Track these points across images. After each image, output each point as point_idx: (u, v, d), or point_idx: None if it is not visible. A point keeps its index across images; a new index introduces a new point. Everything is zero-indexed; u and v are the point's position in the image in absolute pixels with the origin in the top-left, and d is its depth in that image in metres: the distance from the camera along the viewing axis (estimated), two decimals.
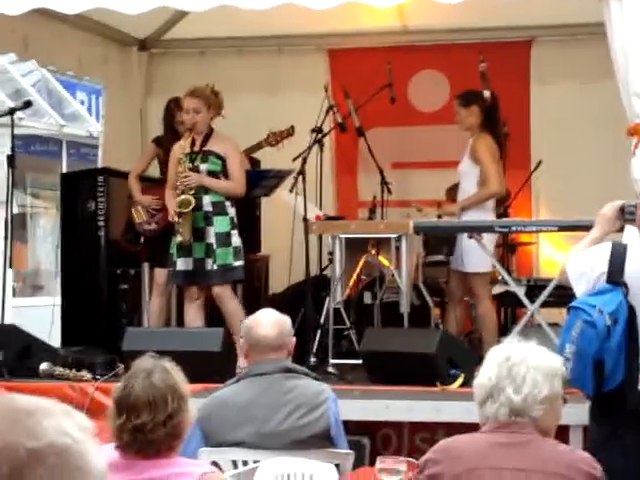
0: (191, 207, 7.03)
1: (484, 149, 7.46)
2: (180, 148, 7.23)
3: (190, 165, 7.16)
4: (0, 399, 1.62)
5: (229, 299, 7.10)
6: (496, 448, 3.17)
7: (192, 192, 7.09)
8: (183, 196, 7.08)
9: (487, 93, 7.60)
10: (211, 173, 7.17)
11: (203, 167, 7.18)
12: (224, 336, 6.64)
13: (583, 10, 6.53)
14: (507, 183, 8.06)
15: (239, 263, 7.13)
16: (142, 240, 7.89)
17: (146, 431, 3.19)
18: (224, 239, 7.10)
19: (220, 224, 7.12)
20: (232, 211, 7.18)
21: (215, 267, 7.07)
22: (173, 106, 7.82)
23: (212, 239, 7.09)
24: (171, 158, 7.30)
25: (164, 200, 7.50)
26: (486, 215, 7.46)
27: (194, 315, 7.22)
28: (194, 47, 9.69)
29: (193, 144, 7.22)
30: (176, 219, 7.06)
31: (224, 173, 7.20)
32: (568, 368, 4.51)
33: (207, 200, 7.14)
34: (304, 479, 4.02)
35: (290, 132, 7.41)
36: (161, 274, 7.66)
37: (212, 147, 7.19)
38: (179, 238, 7.09)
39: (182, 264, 7.13)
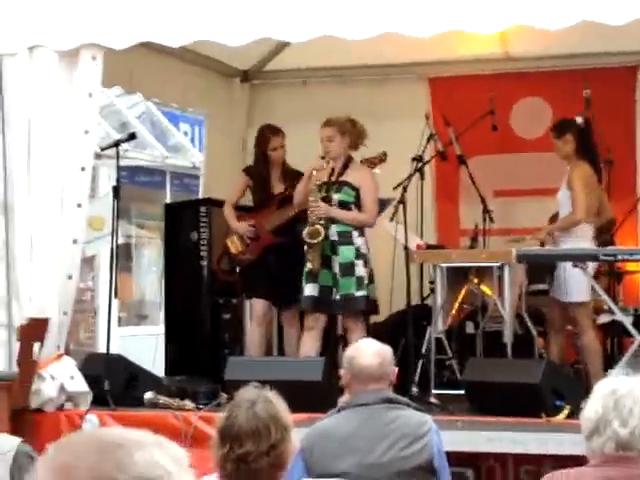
0: (320, 238, 7.11)
1: (578, 178, 7.37)
2: (317, 170, 7.28)
3: (325, 194, 7.21)
4: (93, 432, 1.63)
5: (354, 331, 7.06)
6: None
7: (321, 221, 7.15)
8: (313, 227, 7.14)
9: (579, 119, 7.53)
10: (343, 203, 7.23)
11: (335, 197, 7.25)
12: (325, 366, 6.63)
13: None
14: (613, 210, 7.92)
15: (361, 293, 7.13)
16: (238, 270, 7.93)
17: (249, 461, 3.19)
18: (348, 269, 7.12)
19: (345, 254, 7.15)
20: (359, 241, 7.21)
21: (338, 297, 7.10)
22: (266, 133, 7.90)
23: (337, 269, 7.13)
24: (305, 171, 7.40)
25: (259, 227, 7.60)
26: (585, 243, 7.34)
27: (309, 344, 7.22)
28: (295, 77, 9.75)
29: (332, 173, 7.28)
30: (305, 248, 7.13)
31: (356, 204, 7.24)
32: None
33: (334, 230, 7.20)
34: None
35: (383, 158, 7.41)
36: (258, 304, 7.69)
37: (347, 177, 7.23)
38: (309, 266, 7.15)
39: (309, 290, 7.18)
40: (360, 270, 7.14)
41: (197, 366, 8.00)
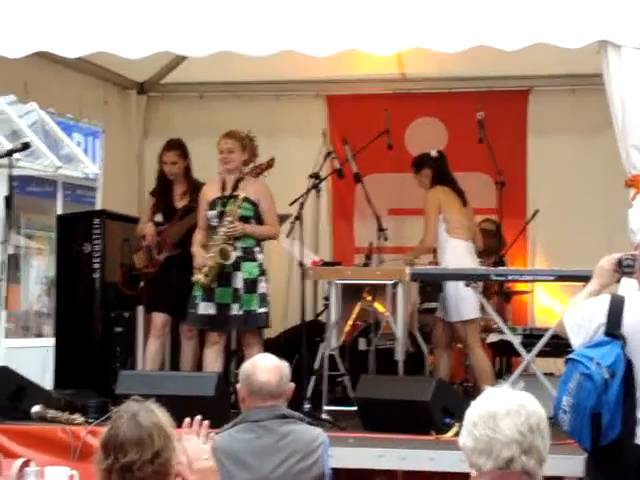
0: (230, 261, 7.05)
1: (429, 201, 7.72)
2: (210, 191, 7.26)
3: (221, 209, 7.18)
4: None
5: (253, 346, 7.05)
6: None
7: (230, 240, 7.11)
8: (224, 246, 7.08)
9: (434, 152, 7.89)
10: (243, 218, 7.19)
11: (237, 212, 7.18)
12: (218, 381, 6.61)
13: (582, 61, 6.57)
14: (504, 232, 8.09)
15: (263, 310, 7.13)
16: (142, 284, 7.87)
17: (134, 469, 3.19)
18: (251, 285, 7.11)
19: (249, 270, 7.13)
20: (260, 257, 7.21)
21: (241, 312, 7.08)
22: (163, 148, 7.87)
23: (240, 284, 7.10)
24: (201, 200, 7.33)
25: (162, 241, 7.61)
26: (466, 260, 7.51)
27: (212, 359, 7.19)
28: (192, 91, 9.73)
29: (224, 188, 7.25)
30: (209, 263, 7.06)
31: (255, 218, 7.23)
32: (565, 420, 4.50)
33: (237, 245, 7.15)
34: None
35: (271, 163, 7.42)
36: (158, 317, 7.65)
37: (244, 191, 7.20)
38: (200, 278, 7.09)
39: (204, 308, 7.14)
40: (263, 286, 7.15)
41: (87, 379, 7.88)
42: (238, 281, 7.11)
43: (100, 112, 9.28)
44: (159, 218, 7.92)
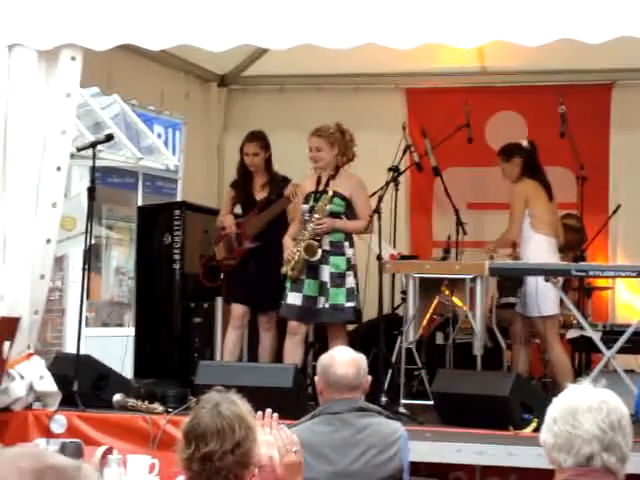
0: (315, 258, 7.10)
1: (517, 194, 7.60)
2: (307, 184, 7.34)
3: (313, 204, 7.22)
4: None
5: (337, 340, 7.04)
6: None
7: (317, 237, 7.16)
8: (310, 242, 7.14)
9: (525, 142, 7.75)
10: (333, 214, 7.22)
11: (327, 208, 7.21)
12: (296, 373, 6.64)
13: None
14: (585, 227, 8.00)
15: (350, 304, 7.14)
16: (222, 276, 7.92)
17: (215, 459, 3.23)
18: (339, 279, 7.14)
19: (336, 264, 7.16)
20: (350, 252, 7.23)
21: (327, 306, 7.11)
22: (244, 140, 7.91)
23: (327, 278, 7.14)
24: (298, 193, 7.40)
25: (242, 234, 7.68)
26: (548, 257, 7.45)
27: (292, 350, 7.24)
28: (272, 84, 9.76)
29: (318, 182, 7.28)
30: (295, 257, 7.12)
31: (346, 214, 7.25)
32: None
33: (326, 239, 7.19)
34: None
35: (350, 157, 7.47)
36: (237, 308, 7.70)
37: (337, 187, 7.23)
38: (287, 270, 7.15)
39: (292, 299, 7.20)
40: (350, 281, 7.16)
41: (167, 369, 7.98)
42: (325, 274, 7.14)
43: (181, 105, 9.37)
44: (239, 210, 7.98)
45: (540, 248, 7.47)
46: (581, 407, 3.14)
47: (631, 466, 3.21)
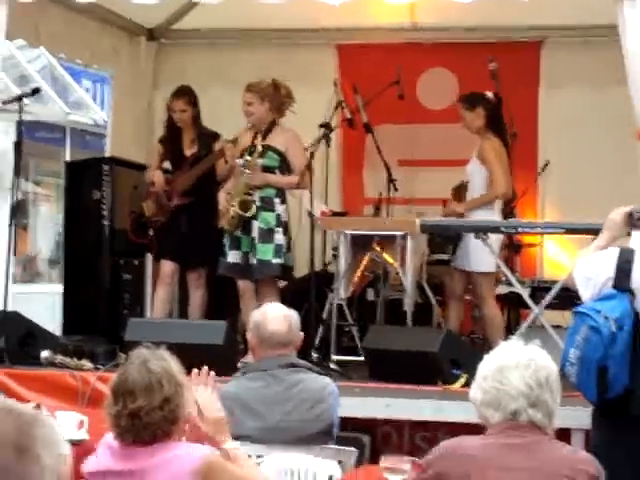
0: (249, 213, 7.07)
1: (491, 151, 7.47)
2: (243, 139, 7.30)
3: (248, 158, 7.17)
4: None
5: (266, 296, 6.99)
6: (504, 449, 3.17)
7: (250, 190, 7.15)
8: (245, 197, 7.11)
9: (490, 94, 7.61)
10: (266, 168, 7.19)
11: (259, 162, 7.18)
12: (227, 329, 6.62)
13: (597, 12, 6.52)
14: (514, 183, 8.04)
15: (278, 261, 7.14)
16: (151, 232, 7.87)
17: (142, 415, 3.22)
18: (267, 235, 7.12)
19: (265, 219, 7.14)
20: (280, 208, 7.20)
21: (254, 261, 7.10)
22: (171, 96, 7.85)
23: (255, 233, 7.11)
24: (234, 148, 7.36)
25: (171, 190, 7.62)
26: (492, 215, 7.46)
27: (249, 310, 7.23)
28: (204, 38, 9.65)
29: (255, 137, 7.25)
30: (231, 212, 7.10)
31: (280, 168, 7.22)
32: (572, 373, 4.51)
33: (257, 195, 7.16)
34: (307, 475, 4.02)
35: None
36: (166, 265, 7.66)
37: (272, 141, 7.20)
38: (224, 224, 7.14)
39: (233, 257, 7.19)
40: (279, 238, 7.15)
41: (96, 326, 7.91)
42: (254, 230, 7.12)
43: (110, 58, 9.22)
44: (168, 166, 7.91)
45: (493, 208, 7.50)
46: (509, 364, 3.18)
47: (560, 420, 3.26)
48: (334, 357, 7.01)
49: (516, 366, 3.19)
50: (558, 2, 6.29)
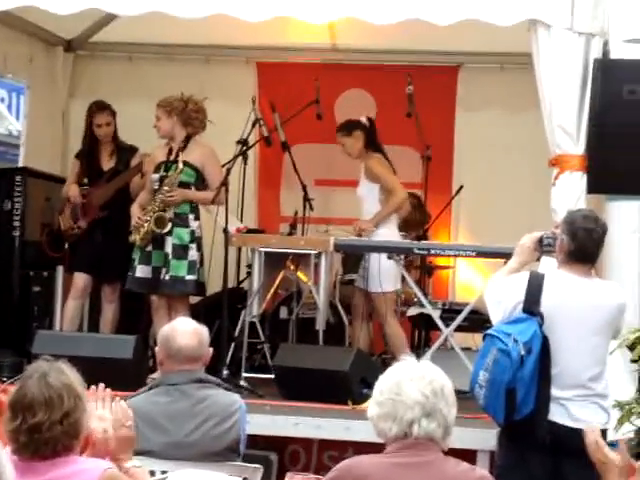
0: (165, 230, 7.04)
1: (378, 165, 7.61)
2: (158, 154, 7.26)
3: (163, 174, 7.14)
4: None
5: (179, 311, 6.93)
6: (400, 468, 3.18)
7: (161, 205, 7.11)
8: (161, 214, 7.08)
9: (364, 119, 7.79)
10: (182, 184, 7.15)
11: (176, 180, 7.13)
12: (137, 344, 6.57)
13: (512, 39, 6.59)
14: (429, 206, 8.14)
15: (191, 277, 7.11)
16: (66, 245, 7.80)
17: (43, 430, 3.19)
18: (181, 251, 7.07)
19: (179, 236, 7.10)
20: (195, 224, 7.19)
21: (167, 277, 7.05)
22: (92, 109, 7.83)
23: (169, 249, 7.06)
24: (149, 162, 7.33)
25: (88, 203, 7.62)
26: (394, 231, 7.55)
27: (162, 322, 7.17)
28: (121, 51, 9.58)
29: (170, 153, 7.20)
30: (145, 227, 7.05)
31: (196, 183, 7.20)
32: (481, 395, 4.56)
33: (171, 211, 7.14)
34: None
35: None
36: (79, 277, 7.60)
37: (187, 157, 7.15)
38: (136, 239, 7.09)
39: (141, 271, 7.13)
40: (193, 254, 7.14)
41: (3, 338, 7.79)
42: (168, 246, 7.08)
43: (26, 68, 9.11)
44: (85, 180, 7.85)
45: (392, 225, 7.57)
46: (405, 378, 3.22)
47: (462, 441, 3.28)
48: (245, 374, 6.99)
49: (411, 379, 3.22)
50: (475, 29, 6.37)
